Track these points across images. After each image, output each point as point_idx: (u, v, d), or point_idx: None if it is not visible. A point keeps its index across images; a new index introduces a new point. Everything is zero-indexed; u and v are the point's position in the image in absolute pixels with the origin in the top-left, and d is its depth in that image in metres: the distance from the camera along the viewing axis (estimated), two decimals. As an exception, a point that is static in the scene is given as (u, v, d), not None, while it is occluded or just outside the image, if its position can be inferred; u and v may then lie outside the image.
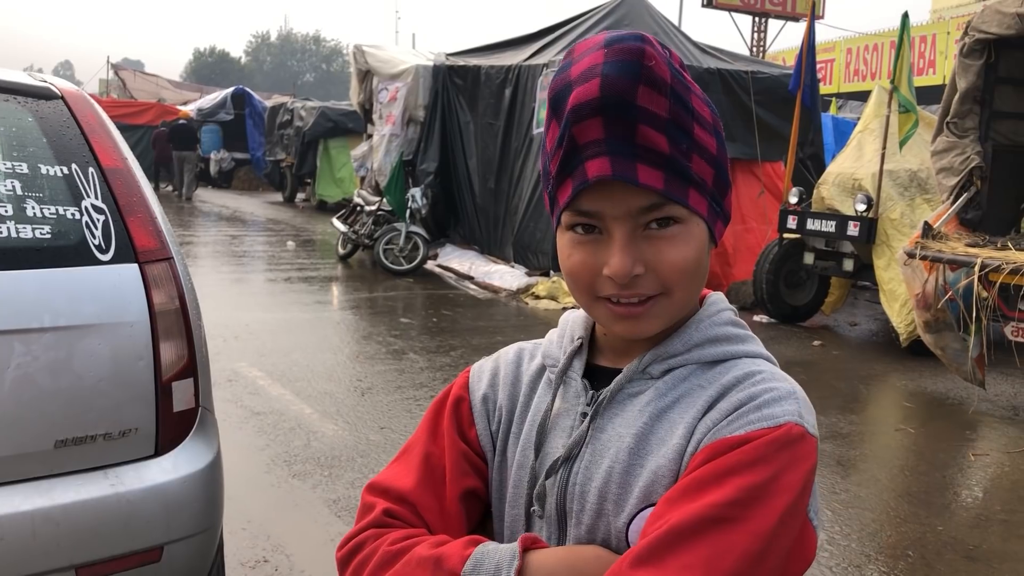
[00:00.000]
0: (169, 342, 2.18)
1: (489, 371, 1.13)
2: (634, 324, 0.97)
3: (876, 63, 20.95)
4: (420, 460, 1.06)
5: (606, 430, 0.99)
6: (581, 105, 0.88)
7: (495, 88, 11.23)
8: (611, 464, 0.96)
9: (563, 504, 0.99)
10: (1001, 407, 6.11)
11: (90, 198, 2.17)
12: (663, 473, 0.93)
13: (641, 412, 0.97)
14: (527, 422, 1.06)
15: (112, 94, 33.18)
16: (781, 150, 9.58)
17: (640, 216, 0.92)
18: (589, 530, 0.97)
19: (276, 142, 21.04)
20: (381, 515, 1.02)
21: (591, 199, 0.92)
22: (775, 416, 0.90)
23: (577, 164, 0.91)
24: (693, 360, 1.00)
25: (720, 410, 0.93)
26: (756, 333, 4.00)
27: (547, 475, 1.00)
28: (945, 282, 5.89)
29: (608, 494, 0.96)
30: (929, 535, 3.96)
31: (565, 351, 1.07)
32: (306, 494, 4.04)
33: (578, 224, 0.95)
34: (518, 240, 10.60)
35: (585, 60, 0.90)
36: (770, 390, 0.93)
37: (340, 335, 7.44)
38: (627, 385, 1.00)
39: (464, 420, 1.09)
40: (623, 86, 0.87)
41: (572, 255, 0.96)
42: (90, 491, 2.04)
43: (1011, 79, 6.56)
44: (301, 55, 77.42)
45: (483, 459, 1.09)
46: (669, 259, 0.93)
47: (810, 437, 0.91)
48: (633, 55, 0.88)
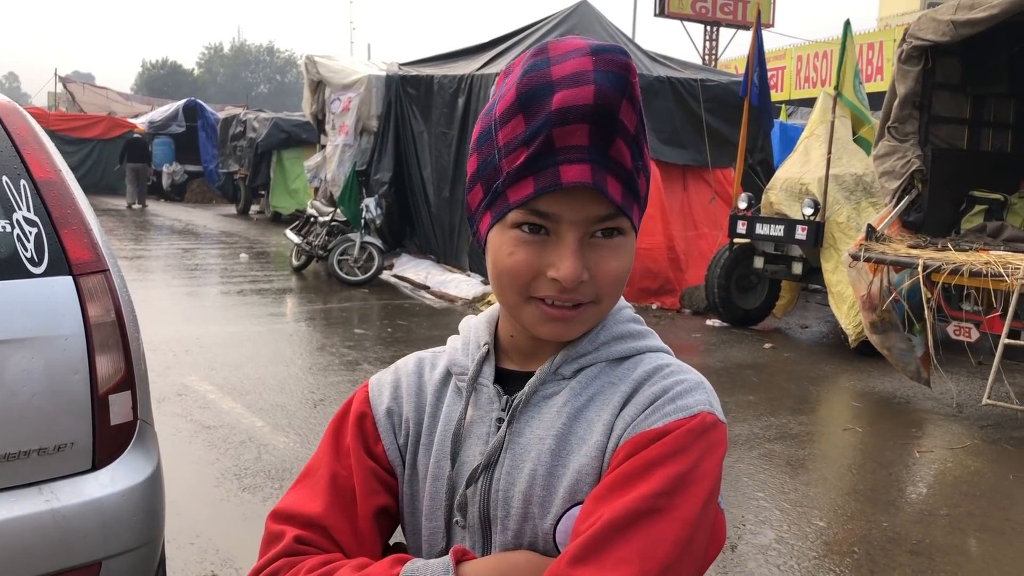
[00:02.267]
0: (105, 355, 2.16)
1: (390, 384, 1.11)
2: (564, 327, 0.98)
3: (826, 70, 21.32)
4: (327, 482, 1.03)
5: (524, 434, 0.99)
6: (569, 108, 0.88)
7: (448, 97, 11.24)
8: (534, 467, 0.97)
9: (486, 511, 0.99)
10: (946, 405, 6.24)
11: (22, 210, 2.14)
12: (587, 472, 0.95)
13: (559, 413, 0.99)
14: (438, 432, 1.05)
15: (61, 107, 32.61)
16: (731, 156, 9.72)
17: (593, 224, 0.94)
18: (515, 535, 0.98)
19: (229, 154, 20.81)
20: (292, 543, 0.99)
21: (551, 201, 0.92)
22: (689, 407, 0.94)
23: (548, 166, 0.91)
24: (602, 358, 1.02)
25: (636, 404, 0.96)
26: (709, 337, 4.06)
27: (467, 484, 1.00)
28: (890, 283, 6.02)
29: (533, 497, 0.96)
30: (875, 531, 4.04)
31: (473, 358, 1.06)
32: (256, 507, 4.00)
33: (526, 223, 0.94)
34: (473, 249, 10.60)
35: (570, 63, 0.90)
36: (681, 382, 0.97)
37: (293, 347, 7.38)
38: (540, 387, 1.01)
39: (369, 436, 1.07)
40: (613, 98, 0.89)
41: (515, 253, 0.95)
42: (24, 507, 2.01)
43: (947, 84, 6.74)
44: (255, 66, 76.74)
45: (391, 474, 1.07)
46: (610, 268, 0.96)
47: (720, 424, 0.95)
48: (621, 68, 0.89)
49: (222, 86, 68.50)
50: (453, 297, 9.90)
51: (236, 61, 76.07)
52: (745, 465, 4.81)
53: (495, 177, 0.96)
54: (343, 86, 12.38)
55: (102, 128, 24.22)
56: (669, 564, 0.86)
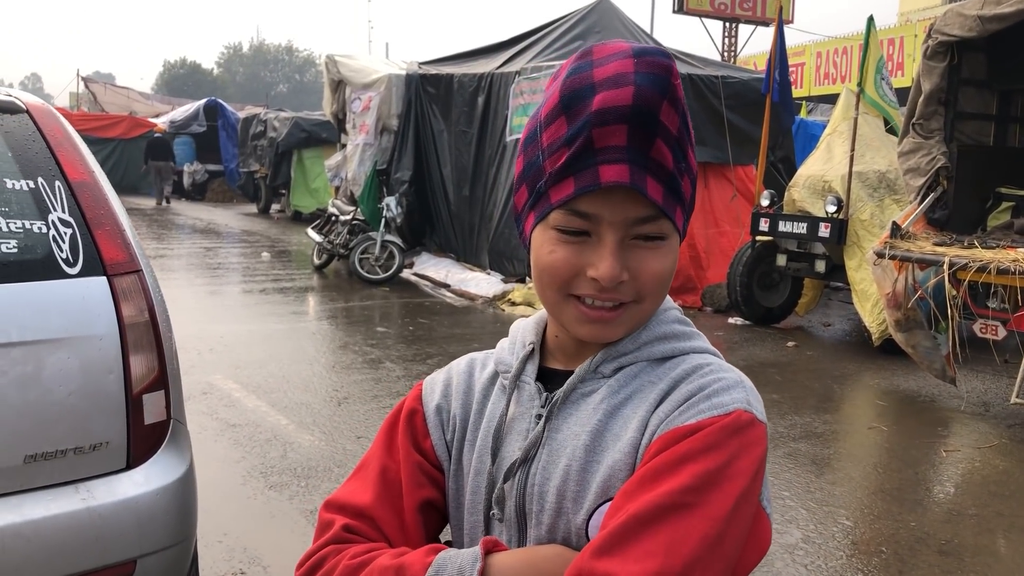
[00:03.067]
0: (139, 355, 2.18)
1: (441, 382, 1.14)
2: (602, 328, 0.99)
3: (845, 66, 21.17)
4: (377, 475, 1.07)
5: (561, 430, 1.00)
6: (609, 110, 0.89)
7: (468, 96, 11.25)
8: (568, 462, 0.98)
9: (522, 505, 1.01)
10: (972, 403, 6.19)
11: (57, 212, 2.17)
12: (619, 467, 0.95)
13: (595, 410, 1.00)
14: (482, 429, 1.08)
15: (83, 107, 32.89)
16: (752, 154, 9.67)
17: (633, 226, 0.94)
18: (549, 529, 0.99)
19: (250, 153, 20.93)
20: (340, 531, 1.03)
21: (591, 202, 0.93)
22: (724, 404, 0.93)
23: (588, 166, 0.92)
24: (643, 357, 1.02)
25: (672, 401, 0.96)
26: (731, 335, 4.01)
27: (505, 478, 1.02)
28: (915, 281, 5.97)
29: (567, 492, 0.97)
30: (902, 531, 4.01)
31: (517, 356, 1.09)
32: (283, 505, 4.03)
33: (567, 225, 0.95)
34: (493, 247, 10.61)
35: (612, 65, 0.91)
36: (718, 380, 0.96)
37: (316, 345, 7.41)
38: (579, 385, 1.02)
39: (419, 432, 1.10)
40: (653, 99, 0.90)
41: (555, 251, 0.96)
42: (61, 506, 2.03)
43: (974, 80, 6.67)
44: (274, 66, 77.08)
45: (439, 469, 1.10)
46: (651, 268, 0.96)
47: (759, 423, 0.94)
48: (663, 70, 0.91)
49: (241, 85, 68.85)
50: (473, 295, 9.91)
51: (255, 61, 76.43)
52: (770, 464, 4.78)
53: (539, 178, 0.97)
54: (363, 85, 12.41)
55: (123, 128, 24.43)
56: (695, 560, 0.85)
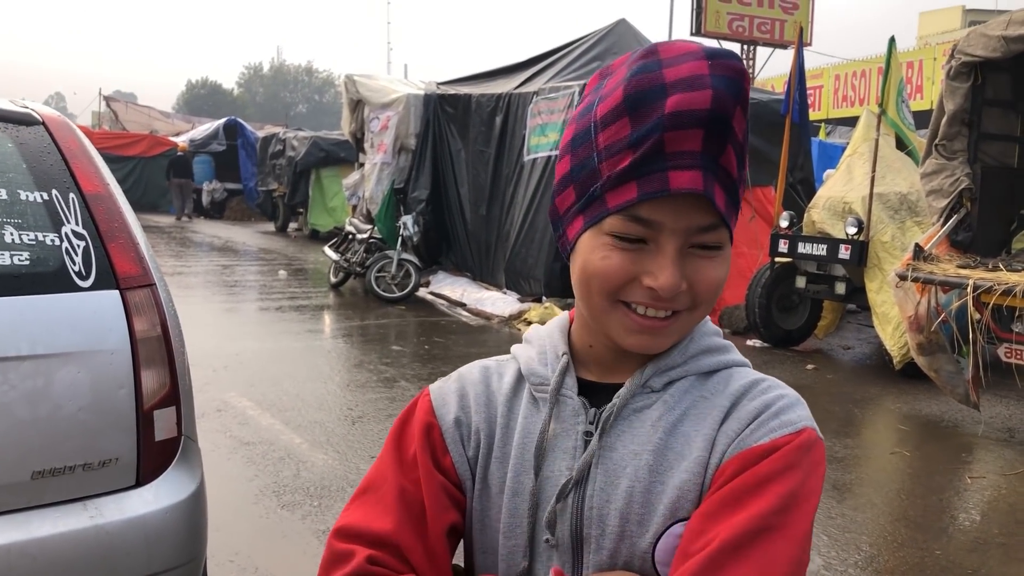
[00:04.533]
0: (151, 370, 2.14)
1: (455, 393, 1.06)
2: (652, 339, 0.95)
3: (864, 89, 21.14)
4: (395, 496, 0.98)
5: (616, 448, 0.96)
6: (685, 112, 0.85)
7: (486, 116, 11.27)
8: (631, 484, 0.94)
9: (579, 529, 0.96)
10: (996, 429, 6.07)
11: (70, 224, 2.14)
12: (688, 488, 0.93)
13: (654, 427, 0.96)
14: (515, 445, 1.00)
15: (104, 126, 33.24)
16: (771, 175, 9.61)
17: (694, 234, 0.90)
18: (611, 554, 0.94)
19: (268, 172, 21.05)
20: (364, 563, 0.94)
21: (655, 208, 0.89)
22: (793, 422, 0.92)
23: (655, 171, 0.87)
24: (692, 371, 0.99)
25: (738, 419, 0.94)
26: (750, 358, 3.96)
27: (557, 499, 0.96)
28: (938, 304, 5.88)
29: (631, 515, 0.93)
30: (927, 559, 3.91)
31: (552, 368, 1.02)
32: (295, 525, 3.98)
33: (624, 231, 0.91)
34: (510, 266, 10.58)
35: (684, 66, 0.87)
36: (781, 397, 0.95)
37: (331, 364, 7.38)
38: (630, 400, 0.98)
39: (437, 448, 1.02)
40: (730, 104, 0.86)
41: (609, 257, 0.91)
42: (68, 523, 1.99)
43: (998, 101, 6.60)
44: (294, 86, 77.83)
45: (460, 489, 1.02)
46: (708, 278, 0.93)
47: (821, 441, 0.94)
48: (738, 74, 0.87)
49: (261, 105, 69.50)
50: (489, 315, 9.87)
51: (275, 81, 77.19)
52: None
53: (592, 180, 0.92)
54: (382, 105, 12.46)
55: (144, 146, 24.66)
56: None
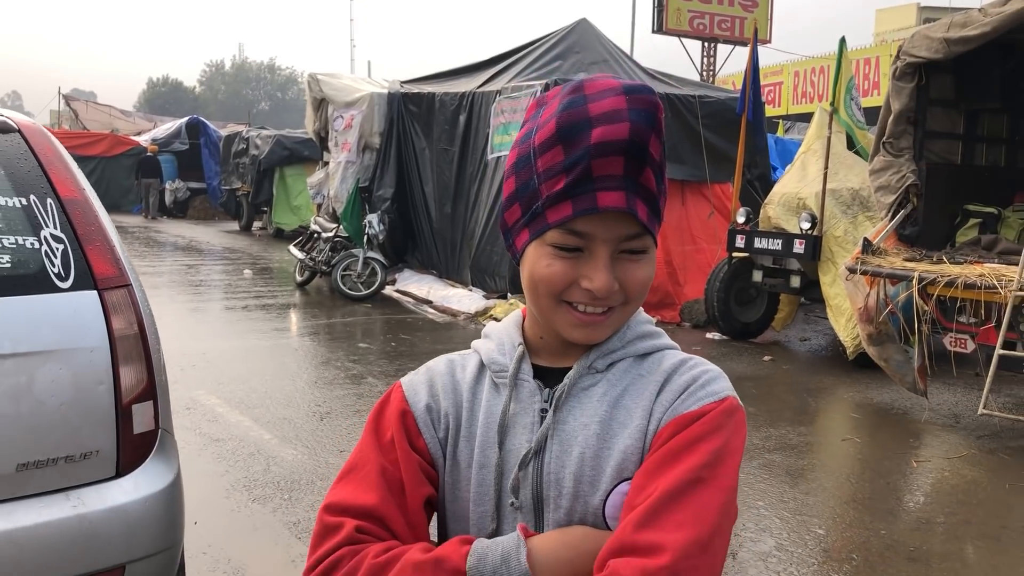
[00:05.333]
0: (129, 366, 2.25)
1: (425, 383, 1.22)
2: (592, 331, 1.13)
3: (823, 85, 21.50)
4: (377, 475, 1.12)
5: (568, 421, 1.13)
6: (607, 143, 1.02)
7: (449, 114, 11.37)
8: (582, 450, 1.11)
9: (539, 492, 1.12)
10: (943, 415, 6.32)
11: (49, 228, 2.24)
12: (632, 451, 1.10)
13: (599, 402, 1.13)
14: (480, 424, 1.17)
15: (64, 125, 32.79)
16: (730, 172, 9.82)
17: (622, 242, 1.08)
18: (567, 512, 1.11)
19: (232, 171, 20.92)
20: (353, 532, 1.07)
21: (587, 222, 1.06)
22: (718, 392, 1.11)
23: (586, 191, 1.04)
24: (630, 354, 1.17)
25: (671, 391, 1.12)
26: (709, 350, 4.19)
27: (520, 467, 1.13)
28: (886, 296, 6.11)
29: (583, 477, 1.10)
30: (873, 539, 4.11)
31: (510, 357, 1.19)
32: (266, 517, 4.08)
33: (563, 242, 1.07)
34: (475, 264, 10.71)
35: (606, 101, 1.03)
36: (706, 371, 1.14)
37: (298, 361, 7.47)
38: (578, 380, 1.15)
39: (411, 432, 1.17)
40: (645, 133, 1.03)
41: (552, 264, 1.08)
42: (52, 513, 2.10)
43: (941, 100, 6.85)
44: (256, 83, 77.14)
45: (433, 467, 1.18)
46: (637, 277, 1.11)
47: (741, 408, 1.12)
48: (651, 106, 1.04)
49: (223, 103, 68.81)
50: (455, 312, 9.99)
51: (237, 78, 76.45)
52: (745, 475, 4.88)
53: (534, 199, 1.09)
54: (346, 104, 12.51)
55: (105, 145, 24.39)
56: (717, 526, 1.01)
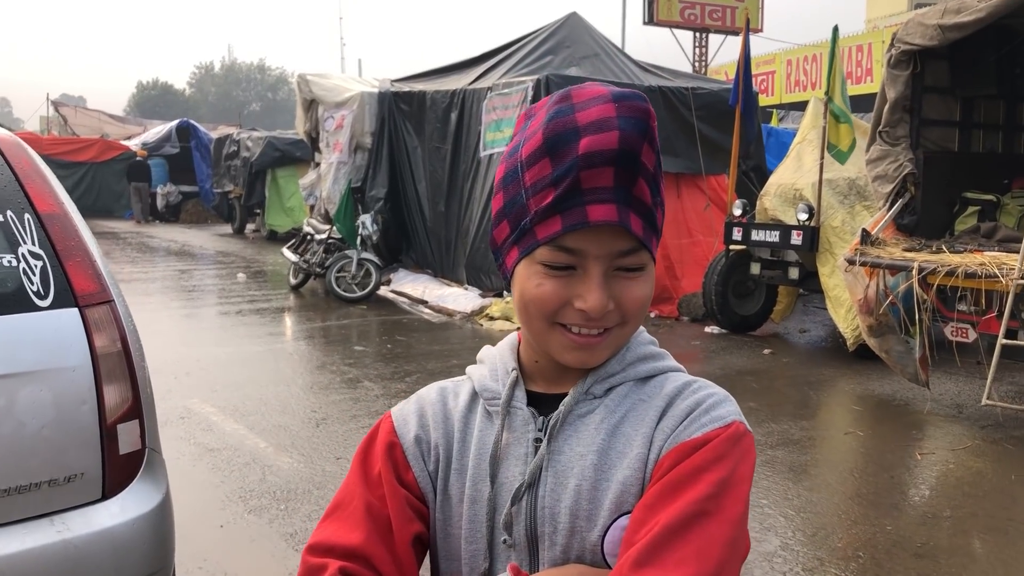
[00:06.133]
0: (113, 385, 2.18)
1: (415, 413, 1.14)
2: (588, 354, 1.04)
3: (816, 73, 21.44)
4: (363, 512, 1.05)
5: (564, 452, 1.04)
6: (596, 153, 0.94)
7: (441, 112, 11.29)
8: (578, 482, 1.02)
9: (533, 528, 1.04)
10: (945, 406, 6.27)
11: (27, 244, 2.17)
12: (631, 483, 1.01)
13: (597, 430, 1.04)
14: (472, 456, 1.08)
15: (53, 131, 32.62)
16: (724, 163, 9.76)
17: (616, 258, 0.99)
18: (564, 549, 1.02)
19: (223, 173, 20.83)
20: (337, 573, 1.01)
21: (578, 238, 0.98)
22: (723, 417, 1.01)
23: (575, 205, 0.96)
24: (630, 377, 1.07)
25: (672, 417, 1.02)
26: (708, 344, 4.10)
27: (512, 502, 1.04)
28: (886, 287, 6.05)
29: (579, 511, 1.01)
30: (879, 535, 4.06)
31: (503, 383, 1.10)
32: (263, 529, 4.01)
33: (553, 260, 0.99)
34: (470, 262, 10.64)
35: (594, 110, 0.95)
36: (711, 395, 1.04)
37: (293, 366, 7.39)
38: (574, 407, 1.06)
39: (399, 464, 1.09)
40: (636, 142, 0.95)
41: (543, 284, 1.00)
42: (36, 539, 2.02)
43: (937, 88, 6.79)
44: (246, 85, 76.82)
45: (423, 501, 1.10)
46: (633, 296, 1.02)
47: (750, 433, 1.03)
48: (642, 113, 0.96)
49: (214, 105, 68.54)
50: (451, 311, 9.92)
51: (227, 80, 76.16)
52: (748, 472, 4.81)
53: (522, 215, 1.01)
54: (336, 104, 12.42)
55: (95, 151, 24.27)
56: (723, 563, 0.93)
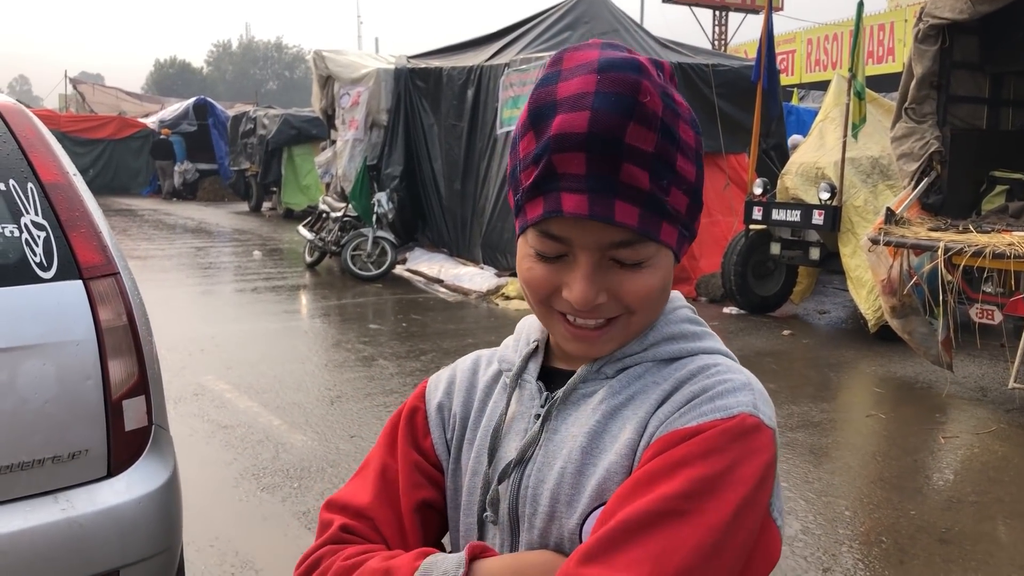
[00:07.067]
0: (118, 359, 2.12)
1: (446, 380, 1.11)
2: (588, 346, 0.95)
3: (836, 53, 21.18)
4: (376, 474, 1.04)
5: (559, 431, 0.96)
6: (565, 136, 0.83)
7: (457, 89, 11.18)
8: (564, 464, 0.93)
9: (515, 509, 0.97)
10: (969, 389, 6.16)
11: (30, 214, 2.10)
12: (615, 471, 0.90)
13: (594, 411, 0.95)
14: (481, 427, 1.04)
15: (71, 108, 32.71)
16: (745, 142, 9.62)
17: (610, 249, 0.89)
18: (542, 534, 0.94)
19: (240, 151, 20.82)
20: (338, 531, 1.00)
21: (561, 225, 0.88)
22: (728, 407, 0.88)
23: (552, 190, 0.86)
24: (648, 358, 0.97)
25: (673, 402, 0.91)
26: (726, 325, 3.97)
27: (500, 479, 0.98)
28: (910, 267, 5.93)
29: (560, 495, 0.93)
30: (902, 520, 3.97)
31: (520, 354, 1.04)
32: (275, 507, 3.97)
33: (541, 248, 0.91)
34: (486, 241, 10.56)
35: (575, 81, 0.84)
36: (724, 382, 0.91)
37: (308, 344, 7.36)
38: (581, 385, 0.97)
39: (419, 430, 1.07)
40: (613, 123, 0.82)
41: (533, 268, 0.93)
42: (40, 517, 1.97)
43: (965, 63, 6.62)
44: (263, 63, 76.80)
45: (439, 469, 1.06)
46: (633, 289, 0.91)
47: (766, 428, 0.89)
48: (628, 88, 0.83)
49: (231, 83, 68.63)
50: (467, 290, 9.85)
51: (244, 58, 76.18)
52: (768, 455, 4.74)
53: (517, 188, 0.93)
54: (352, 80, 12.33)
55: (113, 128, 24.34)
56: (686, 571, 0.80)
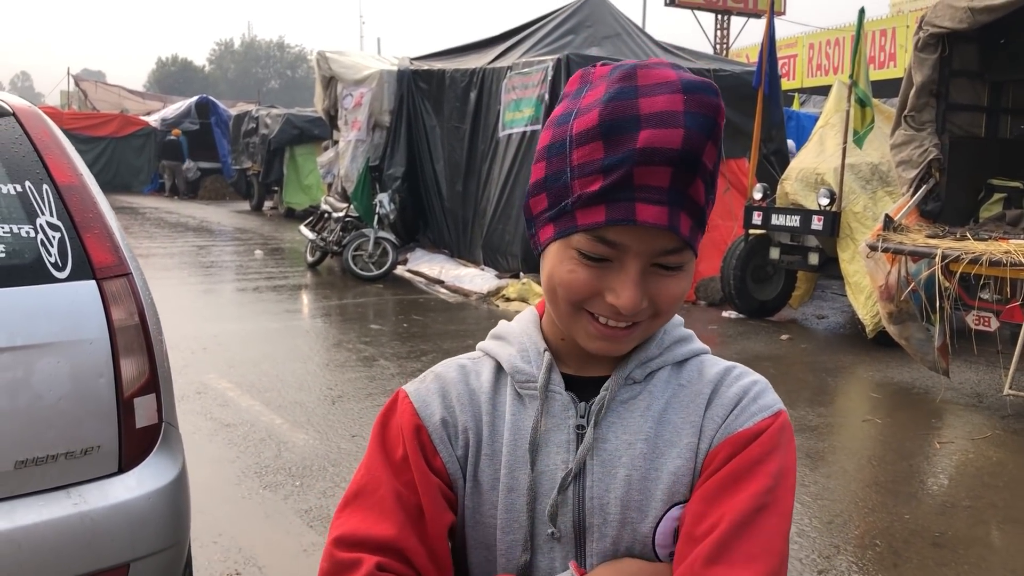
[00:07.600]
0: (130, 358, 2.17)
1: (437, 393, 1.06)
2: (613, 345, 0.99)
3: (838, 57, 21.23)
4: (392, 500, 0.98)
5: (609, 439, 1.00)
6: (655, 150, 0.87)
7: (460, 91, 11.23)
8: (628, 472, 0.99)
9: (581, 519, 1.00)
10: (965, 395, 6.21)
11: (45, 215, 2.15)
12: (683, 473, 0.99)
13: (643, 417, 1.01)
14: (506, 442, 1.02)
15: (73, 106, 32.75)
16: (745, 147, 9.66)
17: (657, 256, 0.93)
18: (614, 541, 0.99)
19: (242, 150, 20.86)
20: (374, 570, 0.94)
21: (621, 233, 0.91)
22: (770, 406, 1.00)
23: (623, 200, 0.89)
24: (668, 361, 1.04)
25: (720, 405, 1.01)
26: (725, 329, 4.05)
27: (559, 492, 0.99)
28: (907, 273, 5.98)
29: (630, 502, 0.98)
30: (896, 524, 4.02)
31: (536, 365, 1.04)
32: (278, 505, 4.02)
33: (590, 250, 0.93)
34: (487, 242, 10.61)
35: (660, 98, 0.88)
36: (755, 383, 1.03)
37: (310, 344, 7.40)
38: (616, 392, 1.02)
39: (427, 449, 1.02)
40: (700, 144, 0.88)
41: (575, 271, 0.94)
42: (52, 511, 2.02)
43: (965, 72, 6.68)
44: (265, 62, 76.90)
45: (452, 488, 1.03)
46: (670, 293, 0.97)
47: (789, 420, 1.01)
48: (712, 110, 0.89)
49: (233, 82, 68.68)
50: (468, 291, 9.90)
51: (247, 57, 76.25)
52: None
53: (564, 195, 0.94)
54: (355, 81, 12.38)
55: (115, 126, 24.40)
56: (784, 556, 0.93)
